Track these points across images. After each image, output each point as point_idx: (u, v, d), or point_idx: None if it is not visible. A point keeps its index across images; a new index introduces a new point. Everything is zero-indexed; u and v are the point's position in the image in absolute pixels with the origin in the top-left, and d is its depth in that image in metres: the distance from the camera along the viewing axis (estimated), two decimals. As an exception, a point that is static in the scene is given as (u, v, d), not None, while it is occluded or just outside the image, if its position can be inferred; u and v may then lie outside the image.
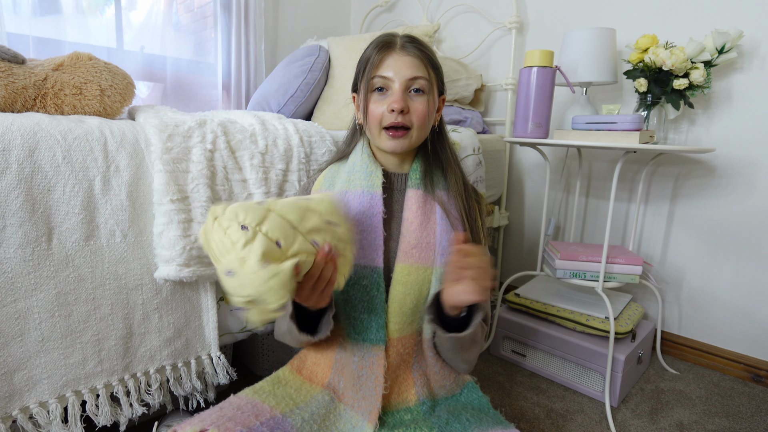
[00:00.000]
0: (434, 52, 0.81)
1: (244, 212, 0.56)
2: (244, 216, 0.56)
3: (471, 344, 0.76)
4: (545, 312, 1.48)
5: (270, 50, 2.14)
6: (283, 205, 0.60)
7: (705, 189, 1.53)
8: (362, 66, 0.79)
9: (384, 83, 0.75)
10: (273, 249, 0.57)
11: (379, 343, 0.77)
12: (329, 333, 0.75)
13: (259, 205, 0.59)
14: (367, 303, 0.77)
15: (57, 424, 0.78)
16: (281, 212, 0.59)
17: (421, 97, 0.76)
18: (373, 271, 0.76)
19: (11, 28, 1.45)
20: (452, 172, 0.83)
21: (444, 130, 0.86)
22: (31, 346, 0.75)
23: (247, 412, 0.69)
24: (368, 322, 0.77)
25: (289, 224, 0.59)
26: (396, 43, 0.77)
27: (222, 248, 0.57)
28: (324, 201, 0.65)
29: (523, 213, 2.00)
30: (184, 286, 0.92)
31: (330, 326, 0.74)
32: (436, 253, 0.78)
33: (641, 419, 1.26)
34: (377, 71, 0.76)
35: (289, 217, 0.60)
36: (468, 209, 0.83)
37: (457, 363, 0.81)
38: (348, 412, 0.76)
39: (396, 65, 0.75)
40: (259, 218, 0.57)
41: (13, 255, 0.72)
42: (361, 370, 0.76)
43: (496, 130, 2.03)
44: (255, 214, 0.57)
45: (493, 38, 1.99)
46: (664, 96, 1.39)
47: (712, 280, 1.55)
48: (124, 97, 1.01)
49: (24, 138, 0.72)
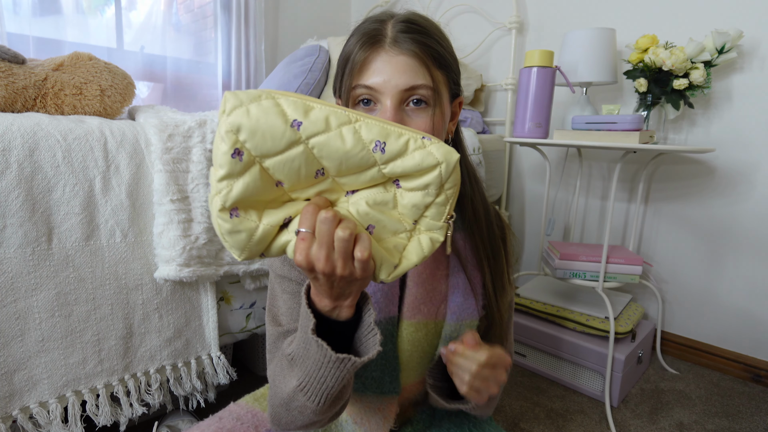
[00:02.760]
0: (444, 38, 0.57)
1: (251, 131, 0.37)
2: (248, 137, 0.37)
3: (486, 409, 0.67)
4: (545, 312, 1.48)
5: (270, 50, 2.14)
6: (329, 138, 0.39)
7: (705, 189, 1.53)
8: (342, 67, 0.57)
9: (369, 94, 0.54)
10: (264, 190, 0.40)
11: (392, 395, 0.67)
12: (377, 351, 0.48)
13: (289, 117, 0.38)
14: (380, 359, 0.64)
15: (57, 424, 0.78)
16: (322, 147, 0.39)
17: (424, 111, 0.54)
18: (388, 323, 0.63)
19: (11, 28, 1.46)
20: (469, 203, 0.65)
21: (462, 145, 0.67)
22: (32, 346, 0.75)
23: (246, 423, 0.68)
24: (381, 378, 0.66)
25: (321, 168, 0.40)
26: (385, 34, 0.53)
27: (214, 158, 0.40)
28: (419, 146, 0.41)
29: (523, 213, 2.00)
30: (184, 286, 0.92)
31: (376, 339, 0.48)
32: (447, 308, 0.65)
33: (641, 419, 1.26)
34: (360, 78, 0.53)
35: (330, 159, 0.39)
36: (491, 253, 0.65)
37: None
38: (351, 425, 0.72)
39: (386, 70, 0.52)
40: (267, 150, 0.38)
41: (14, 255, 0.72)
42: (368, 409, 0.70)
43: (496, 130, 2.03)
44: (270, 139, 0.38)
45: (493, 38, 1.99)
46: (664, 96, 1.39)
47: (712, 280, 1.55)
48: (124, 97, 1.01)
49: (24, 138, 0.72)
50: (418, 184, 0.42)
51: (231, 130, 0.37)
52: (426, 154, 0.40)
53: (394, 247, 0.44)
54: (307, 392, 0.49)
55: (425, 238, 0.44)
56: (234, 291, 1.02)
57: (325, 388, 0.48)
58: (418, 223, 0.44)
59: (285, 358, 0.53)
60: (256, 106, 0.37)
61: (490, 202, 0.69)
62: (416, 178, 0.41)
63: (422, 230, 0.45)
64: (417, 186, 0.42)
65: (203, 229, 0.88)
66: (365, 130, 0.40)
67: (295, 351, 0.50)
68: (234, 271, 0.96)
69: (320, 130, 0.38)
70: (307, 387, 0.49)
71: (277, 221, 0.41)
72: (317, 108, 0.39)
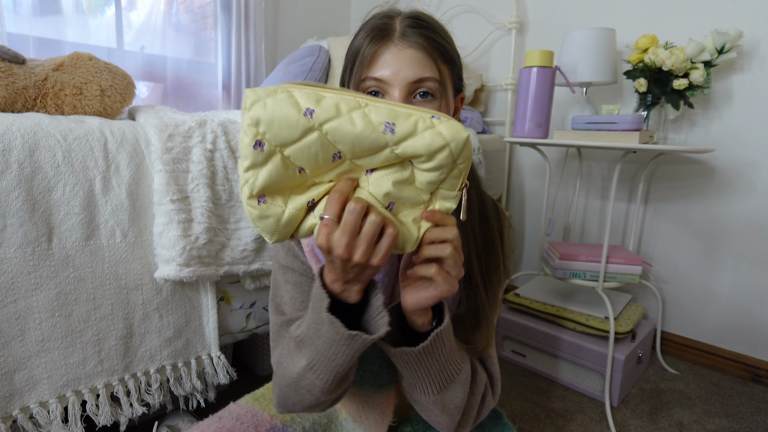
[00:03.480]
0: (448, 36, 0.60)
1: (269, 122, 0.40)
2: (266, 129, 0.40)
3: (448, 381, 0.56)
4: (545, 312, 1.48)
5: (270, 50, 2.14)
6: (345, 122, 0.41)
7: (705, 189, 1.53)
8: (350, 60, 0.59)
9: (379, 87, 0.56)
10: (288, 177, 0.43)
11: (390, 385, 0.69)
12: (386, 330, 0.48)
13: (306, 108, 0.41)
14: (379, 352, 0.64)
15: (57, 424, 0.78)
16: (335, 132, 0.41)
17: (430, 103, 0.57)
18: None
19: (11, 28, 1.46)
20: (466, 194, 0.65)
21: None
22: (32, 346, 0.75)
23: (246, 423, 0.68)
24: (378, 371, 0.67)
25: (337, 152, 0.42)
26: (394, 29, 0.56)
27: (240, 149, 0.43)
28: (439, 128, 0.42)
29: (523, 213, 2.01)
30: (184, 286, 0.92)
31: (385, 320, 0.48)
32: None
33: (641, 419, 1.26)
34: (369, 71, 0.56)
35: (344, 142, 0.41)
36: (483, 244, 0.64)
37: (434, 414, 0.59)
38: (350, 423, 0.73)
39: (395, 63, 0.55)
40: (285, 139, 0.41)
41: (14, 255, 0.72)
42: (367, 404, 0.71)
43: (496, 130, 2.03)
44: (286, 128, 0.40)
45: (493, 38, 1.99)
46: (664, 96, 1.39)
47: (712, 280, 1.55)
48: (125, 97, 1.01)
49: (24, 138, 0.72)
50: (431, 166, 0.43)
51: (251, 123, 0.40)
52: (435, 134, 0.41)
53: (413, 220, 0.46)
54: (316, 371, 0.51)
55: (438, 207, 0.47)
56: (234, 291, 1.02)
57: (334, 366, 0.50)
58: (433, 195, 0.46)
59: (293, 340, 0.54)
60: (272, 100, 0.40)
61: (488, 195, 0.68)
62: (428, 161, 0.43)
63: (436, 200, 0.46)
64: (430, 167, 0.43)
65: (203, 229, 0.88)
66: (374, 114, 0.42)
67: (304, 332, 0.52)
68: (234, 271, 0.96)
69: (332, 116, 0.41)
70: (317, 366, 0.51)
71: (302, 205, 0.45)
72: (329, 96, 0.41)
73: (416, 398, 0.59)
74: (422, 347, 0.51)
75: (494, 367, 0.67)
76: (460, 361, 0.57)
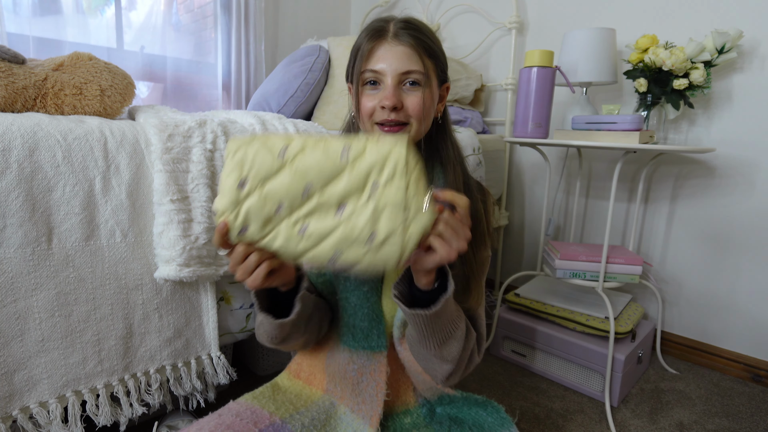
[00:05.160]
0: (434, 36, 0.72)
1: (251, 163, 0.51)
2: (249, 168, 0.51)
3: (448, 337, 0.66)
4: (545, 312, 1.48)
5: (270, 50, 2.14)
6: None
7: (705, 189, 1.53)
8: (353, 56, 0.73)
9: (375, 77, 0.69)
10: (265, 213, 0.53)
11: (380, 350, 0.74)
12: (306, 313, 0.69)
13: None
14: (368, 309, 0.74)
15: (57, 424, 0.78)
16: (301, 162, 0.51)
17: (417, 90, 0.69)
18: (373, 276, 0.74)
19: (11, 28, 1.46)
20: (452, 169, 0.76)
21: (447, 123, 0.80)
22: (31, 346, 0.75)
23: (246, 419, 0.69)
24: (369, 329, 0.74)
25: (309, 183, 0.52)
26: (388, 30, 0.69)
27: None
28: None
29: (523, 213, 2.01)
30: (184, 286, 0.92)
31: (305, 304, 0.68)
32: None
33: (641, 419, 1.26)
34: (367, 64, 0.69)
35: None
36: (471, 214, 0.72)
37: (433, 364, 0.70)
38: (349, 416, 0.74)
39: (388, 57, 0.68)
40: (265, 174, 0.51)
41: (13, 255, 0.72)
42: (361, 377, 0.75)
43: (496, 130, 2.03)
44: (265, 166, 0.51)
45: (493, 38, 1.99)
46: (664, 96, 1.39)
47: (712, 280, 1.55)
48: (124, 97, 1.01)
49: (24, 138, 0.72)
50: (387, 174, 0.50)
51: (235, 167, 0.51)
52: (380, 144, 0.51)
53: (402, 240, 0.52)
54: (261, 331, 0.71)
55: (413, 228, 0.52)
56: (234, 291, 1.02)
57: (271, 328, 0.68)
58: (408, 209, 0.52)
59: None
60: (251, 146, 0.51)
61: (473, 177, 0.80)
62: (384, 169, 0.50)
63: (412, 217, 0.52)
64: (388, 176, 0.50)
65: (203, 229, 0.88)
66: (333, 144, 0.51)
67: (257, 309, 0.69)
68: (234, 271, 0.96)
69: (299, 151, 0.51)
70: (260, 328, 0.71)
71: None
72: (296, 139, 0.52)
73: (420, 351, 0.69)
74: (434, 311, 0.61)
75: (482, 328, 0.76)
76: (458, 320, 0.67)
